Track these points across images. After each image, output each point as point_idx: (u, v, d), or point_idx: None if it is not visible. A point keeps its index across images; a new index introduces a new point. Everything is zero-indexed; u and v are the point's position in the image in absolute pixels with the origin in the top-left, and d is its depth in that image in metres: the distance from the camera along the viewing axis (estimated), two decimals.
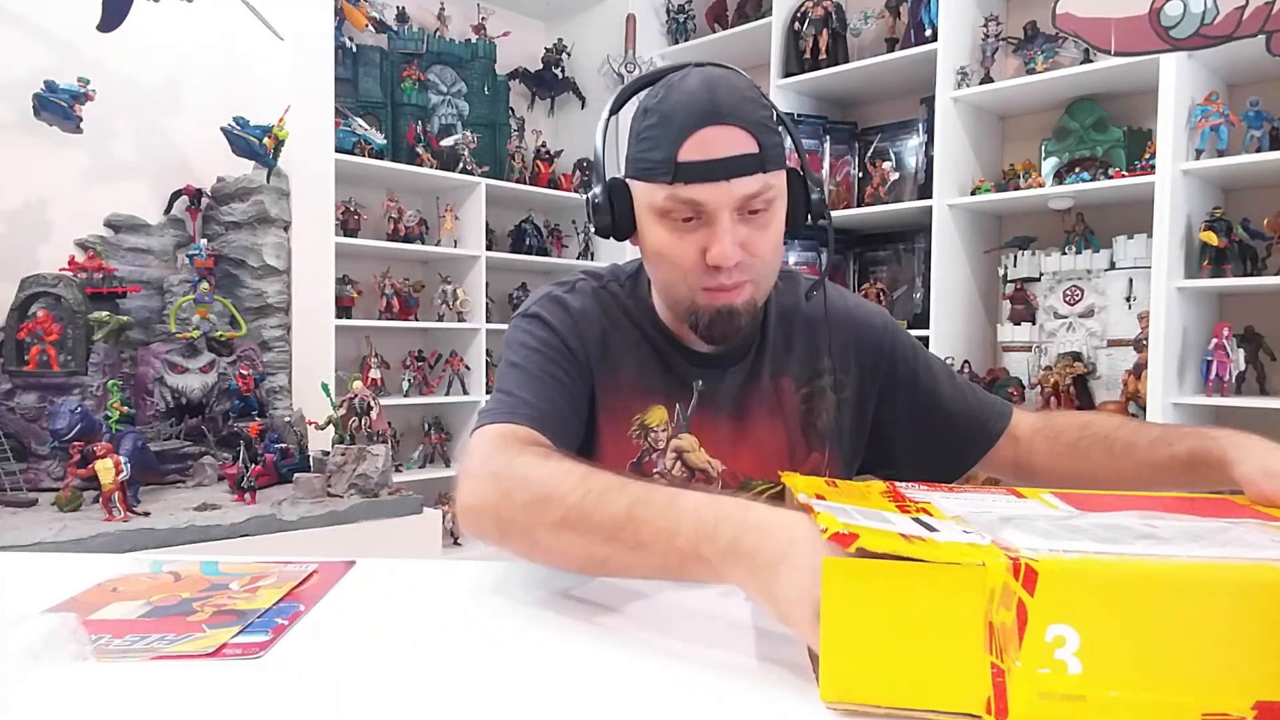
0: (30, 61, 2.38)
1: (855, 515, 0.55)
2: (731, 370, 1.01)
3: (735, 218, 0.87)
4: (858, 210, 3.01)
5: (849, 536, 0.48)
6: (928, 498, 0.67)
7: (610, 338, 0.99)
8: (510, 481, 0.75)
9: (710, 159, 0.85)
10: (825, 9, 3.05)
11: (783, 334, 1.04)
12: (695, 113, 0.85)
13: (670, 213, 0.88)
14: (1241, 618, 0.46)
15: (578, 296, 1.01)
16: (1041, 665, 0.46)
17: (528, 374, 0.94)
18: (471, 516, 0.78)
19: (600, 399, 0.98)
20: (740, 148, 0.85)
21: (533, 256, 3.62)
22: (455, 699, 0.55)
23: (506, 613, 0.72)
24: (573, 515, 0.69)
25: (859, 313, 1.07)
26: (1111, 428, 0.97)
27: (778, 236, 0.92)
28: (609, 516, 0.67)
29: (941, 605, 0.47)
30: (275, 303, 2.71)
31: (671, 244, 0.89)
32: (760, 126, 0.87)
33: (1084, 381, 2.59)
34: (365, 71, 3.23)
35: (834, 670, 0.49)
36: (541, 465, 0.75)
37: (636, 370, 0.99)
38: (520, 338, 0.98)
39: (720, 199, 0.85)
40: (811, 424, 1.02)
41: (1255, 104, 2.27)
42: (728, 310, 0.90)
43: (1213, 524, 0.59)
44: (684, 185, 0.85)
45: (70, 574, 0.80)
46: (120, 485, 1.85)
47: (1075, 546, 0.51)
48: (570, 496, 0.69)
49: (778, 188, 0.90)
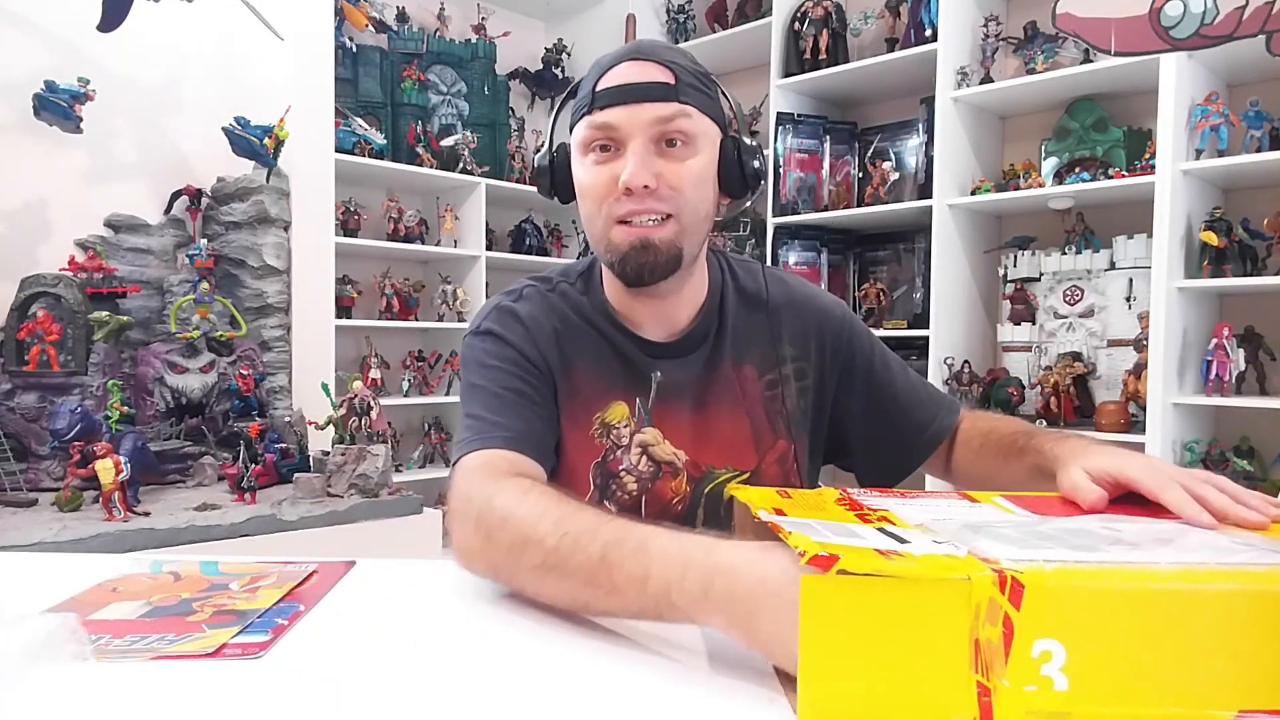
0: (30, 61, 2.38)
1: (824, 532, 0.53)
2: (691, 358, 1.00)
3: (650, 148, 0.89)
4: (858, 210, 3.01)
5: (829, 559, 0.46)
6: (884, 505, 0.65)
7: (563, 340, 0.99)
8: (491, 524, 0.74)
9: (622, 84, 0.90)
10: (825, 9, 3.05)
11: (743, 320, 1.03)
12: (620, 54, 0.93)
13: (590, 143, 0.92)
14: (1226, 625, 0.46)
15: (526, 303, 1.00)
16: (1028, 682, 0.45)
17: (490, 394, 0.93)
18: (466, 559, 0.78)
19: (561, 403, 0.98)
20: (655, 76, 0.90)
21: (533, 256, 3.62)
22: (455, 699, 0.55)
23: (506, 613, 0.72)
24: (551, 560, 0.68)
25: (818, 301, 1.08)
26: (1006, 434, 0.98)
27: (698, 174, 0.92)
28: (584, 561, 0.66)
29: (925, 623, 0.45)
30: (275, 303, 2.71)
31: (591, 176, 0.92)
32: (679, 67, 0.91)
33: (1084, 381, 2.59)
34: (365, 71, 3.24)
35: (813, 693, 0.46)
36: (520, 504, 0.74)
37: (593, 368, 0.99)
38: (476, 356, 0.97)
39: (632, 121, 0.89)
40: (777, 411, 1.02)
41: (1255, 104, 2.27)
42: (642, 243, 0.91)
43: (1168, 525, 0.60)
44: (599, 111, 0.90)
45: (70, 574, 0.80)
46: (120, 485, 1.85)
47: (1053, 555, 0.50)
48: (547, 540, 0.69)
49: (699, 128, 0.92)
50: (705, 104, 0.93)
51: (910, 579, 0.46)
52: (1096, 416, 2.47)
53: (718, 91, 0.96)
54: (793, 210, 3.10)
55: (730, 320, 1.02)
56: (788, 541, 0.51)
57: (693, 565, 0.60)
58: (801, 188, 3.13)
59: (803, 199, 3.12)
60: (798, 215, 3.08)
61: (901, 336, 2.90)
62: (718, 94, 0.96)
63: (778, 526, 0.55)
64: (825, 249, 3.15)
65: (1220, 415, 2.49)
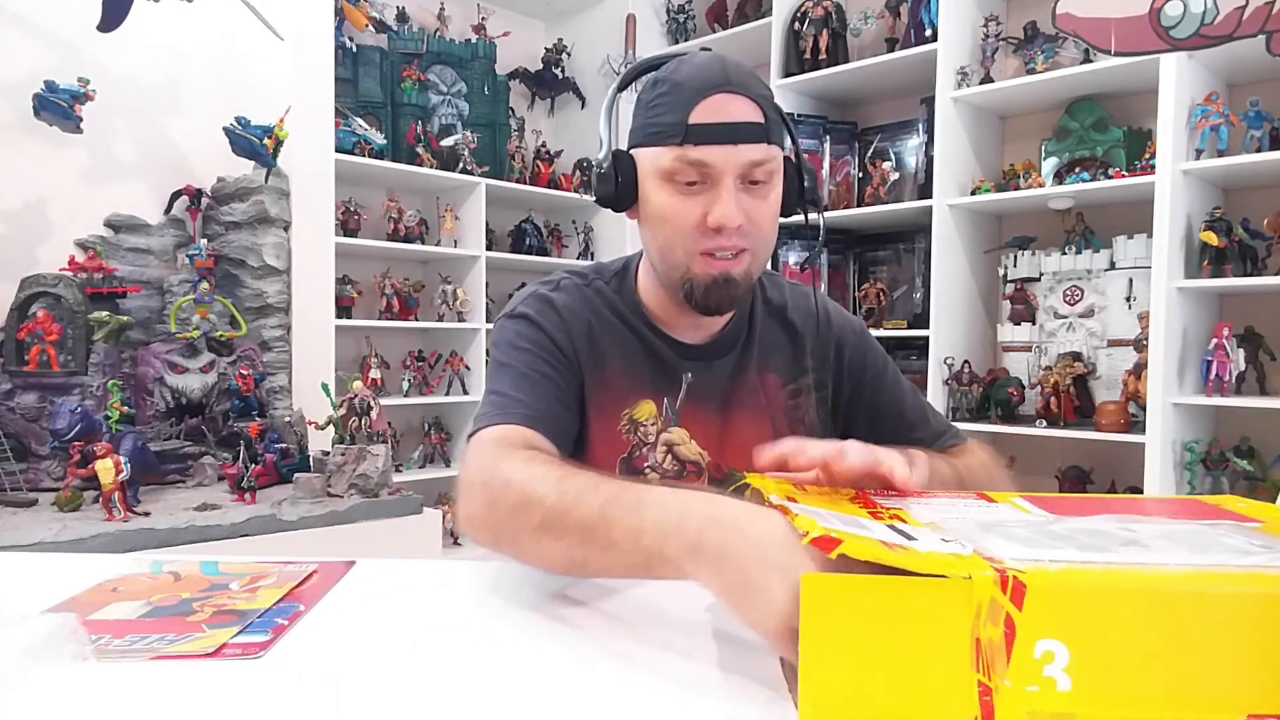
0: (30, 61, 2.38)
1: (833, 520, 0.54)
2: (719, 362, 1.02)
3: (738, 184, 0.90)
4: (858, 210, 3.01)
5: (832, 541, 0.47)
6: (899, 504, 0.66)
7: (596, 333, 1.00)
8: (495, 488, 0.76)
9: (720, 122, 0.88)
10: (825, 9, 3.05)
11: (770, 331, 1.06)
12: (708, 80, 0.89)
13: (676, 174, 0.90)
14: (1233, 628, 0.45)
15: (563, 294, 1.02)
16: (1030, 683, 0.45)
17: (517, 373, 0.94)
18: (469, 526, 0.79)
19: (589, 396, 0.99)
20: (749, 115, 0.89)
21: (533, 256, 3.62)
22: (455, 699, 0.55)
23: (506, 613, 0.72)
24: (550, 518, 0.69)
25: (839, 317, 1.11)
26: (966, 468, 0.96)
27: (775, 211, 0.95)
28: (583, 517, 0.67)
29: (926, 622, 0.45)
30: (275, 303, 2.71)
31: (674, 206, 0.91)
32: (766, 101, 0.91)
33: (1084, 381, 2.59)
34: (365, 71, 3.23)
35: (814, 692, 0.46)
36: (524, 469, 0.76)
37: (623, 365, 1.00)
38: (508, 338, 0.98)
39: (727, 161, 0.88)
40: (799, 420, 1.03)
41: (1255, 104, 2.27)
42: (724, 278, 0.92)
43: (1189, 526, 0.59)
44: (693, 147, 0.88)
45: (70, 574, 0.80)
46: (120, 485, 1.85)
47: (1060, 556, 0.49)
48: (547, 499, 0.70)
49: (778, 162, 0.93)
50: (781, 136, 0.94)
51: (909, 575, 0.46)
52: (1096, 416, 2.47)
53: (783, 117, 0.96)
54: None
55: (758, 330, 1.05)
56: (794, 522, 0.51)
57: (691, 514, 0.60)
58: None
59: None
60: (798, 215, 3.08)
61: (901, 336, 2.90)
62: (784, 120, 0.96)
63: (786, 509, 0.56)
64: (825, 249, 3.15)
65: (1220, 415, 2.49)
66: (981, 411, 2.71)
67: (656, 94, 0.92)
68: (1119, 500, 0.70)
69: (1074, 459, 2.64)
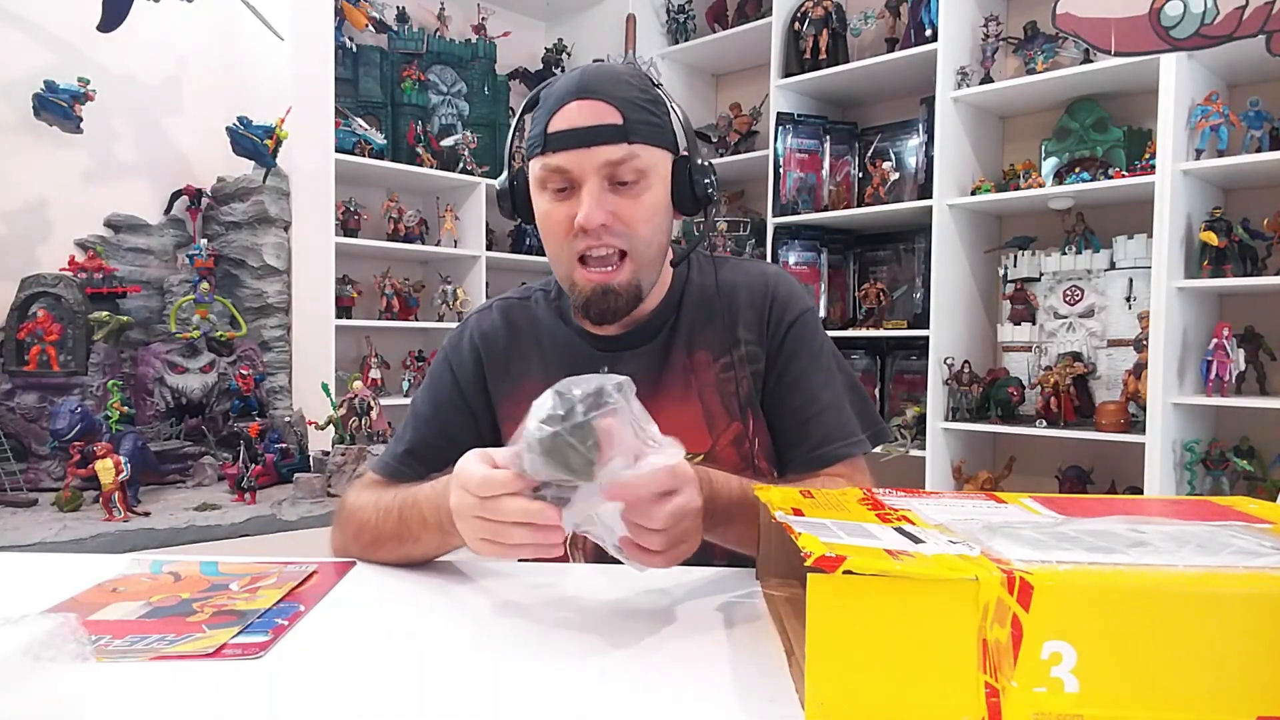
0: (30, 61, 2.38)
1: (837, 532, 0.53)
2: (643, 350, 1.03)
3: (604, 186, 0.92)
4: (858, 210, 3.00)
5: (835, 560, 0.46)
6: (908, 505, 0.66)
7: (514, 350, 1.06)
8: (342, 520, 0.98)
9: (573, 127, 0.92)
10: (825, 9, 3.05)
11: (700, 311, 1.05)
12: (566, 89, 0.94)
13: (546, 182, 0.95)
14: (1242, 629, 0.45)
15: (487, 316, 1.09)
16: (1037, 684, 0.45)
17: (413, 412, 1.08)
18: (335, 552, 0.97)
19: (504, 413, 1.04)
20: (604, 118, 0.92)
21: (533, 256, 3.62)
22: (454, 699, 0.55)
23: (505, 613, 0.72)
24: (375, 534, 0.90)
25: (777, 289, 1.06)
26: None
27: (651, 210, 0.95)
28: (392, 525, 0.87)
29: (933, 623, 0.45)
30: (275, 303, 2.71)
31: (549, 213, 0.96)
32: (627, 103, 0.93)
33: (1084, 381, 2.59)
34: (365, 71, 3.23)
35: (821, 693, 0.46)
36: (357, 499, 0.97)
37: (543, 372, 1.02)
38: (431, 369, 1.11)
39: (584, 164, 0.92)
40: (732, 393, 1.02)
41: (1255, 104, 2.27)
42: (603, 289, 0.95)
43: (1199, 528, 0.59)
44: (553, 154, 0.93)
45: (70, 574, 0.80)
46: (120, 485, 1.85)
47: (1068, 557, 0.49)
48: (370, 520, 0.91)
49: (649, 162, 0.94)
50: (655, 135, 0.95)
51: (916, 578, 0.46)
52: (1096, 416, 2.47)
53: (667, 115, 0.98)
54: (793, 210, 3.10)
55: (686, 312, 1.05)
56: (797, 542, 0.50)
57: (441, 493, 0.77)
58: (802, 188, 3.12)
59: (803, 199, 3.12)
60: (798, 215, 3.08)
61: (901, 336, 2.90)
62: (667, 118, 0.98)
63: (789, 527, 0.55)
64: (825, 249, 3.14)
65: (1220, 415, 2.49)
66: (981, 411, 2.71)
67: (531, 111, 0.98)
68: (1129, 501, 0.69)
69: (1074, 459, 2.64)
